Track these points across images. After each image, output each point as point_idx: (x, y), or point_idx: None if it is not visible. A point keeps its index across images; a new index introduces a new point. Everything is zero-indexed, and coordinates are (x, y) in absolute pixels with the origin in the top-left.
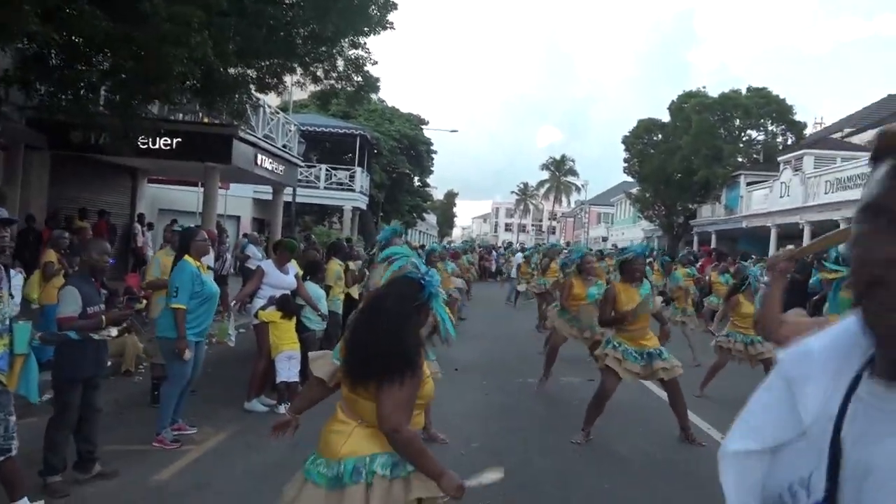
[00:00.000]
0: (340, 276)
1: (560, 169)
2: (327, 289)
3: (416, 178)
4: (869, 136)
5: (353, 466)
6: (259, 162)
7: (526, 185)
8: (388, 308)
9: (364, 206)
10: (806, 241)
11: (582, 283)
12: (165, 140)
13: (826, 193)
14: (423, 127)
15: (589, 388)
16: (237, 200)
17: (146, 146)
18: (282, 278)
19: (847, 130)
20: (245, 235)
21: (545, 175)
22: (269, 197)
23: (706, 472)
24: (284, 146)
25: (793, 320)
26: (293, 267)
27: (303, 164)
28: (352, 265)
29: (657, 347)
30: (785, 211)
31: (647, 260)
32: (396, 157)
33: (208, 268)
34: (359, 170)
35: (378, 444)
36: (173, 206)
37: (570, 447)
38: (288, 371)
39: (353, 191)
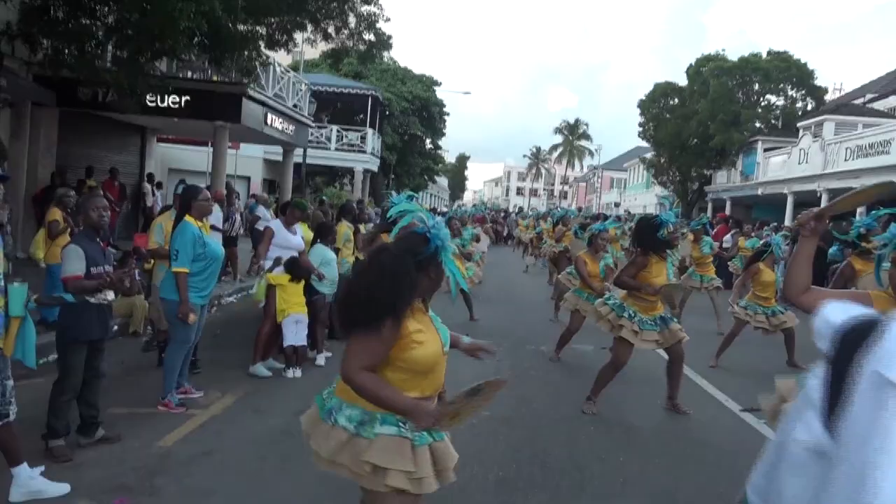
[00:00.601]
0: (350, 239)
1: (573, 133)
2: (336, 251)
3: (428, 141)
4: (891, 102)
5: (331, 407)
6: (269, 121)
7: (538, 148)
8: (383, 260)
9: (375, 169)
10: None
11: (593, 259)
12: (174, 98)
13: (846, 161)
14: (435, 88)
15: (602, 357)
16: (247, 161)
17: (154, 104)
18: (289, 238)
19: (869, 96)
20: (254, 196)
21: (558, 139)
22: (280, 158)
23: (719, 442)
24: (295, 106)
25: (821, 291)
26: (300, 229)
27: (313, 124)
28: (362, 228)
29: (666, 313)
30: (803, 178)
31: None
32: (408, 118)
33: (215, 228)
34: (370, 131)
35: (353, 396)
36: (183, 166)
37: (583, 416)
38: (295, 335)
39: (364, 152)
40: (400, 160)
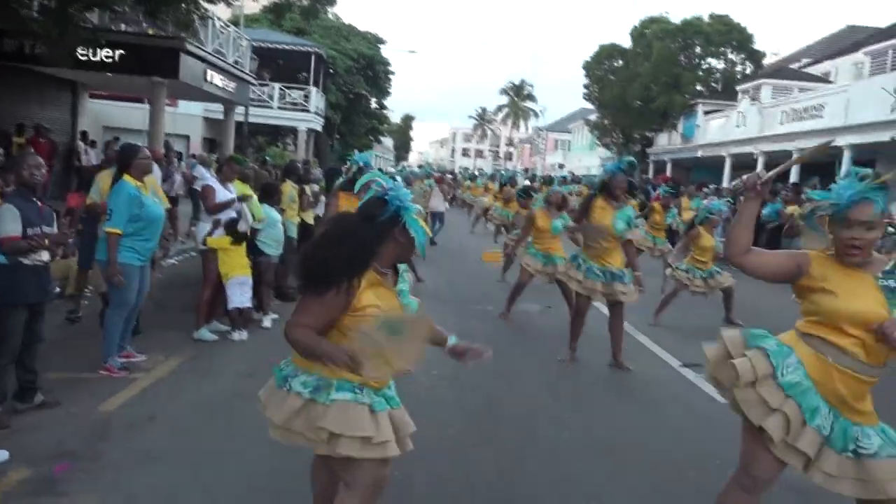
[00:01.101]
0: (294, 199)
1: (519, 94)
2: (281, 212)
3: (373, 100)
4: (826, 66)
5: (286, 374)
6: (209, 78)
7: (484, 109)
8: (341, 228)
9: (319, 128)
10: (759, 171)
11: (546, 216)
12: (107, 52)
13: (781, 124)
14: (380, 46)
15: (546, 316)
16: (186, 119)
17: (86, 58)
18: (227, 196)
19: (805, 61)
20: (193, 156)
21: (504, 100)
22: (220, 116)
23: (659, 396)
24: (236, 62)
25: (761, 251)
26: (233, 188)
27: (255, 82)
28: (307, 189)
29: (621, 269)
30: (740, 141)
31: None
32: (353, 77)
33: None
34: (314, 89)
35: (307, 363)
36: (118, 124)
37: (531, 372)
38: (241, 297)
39: (307, 111)
40: (345, 120)
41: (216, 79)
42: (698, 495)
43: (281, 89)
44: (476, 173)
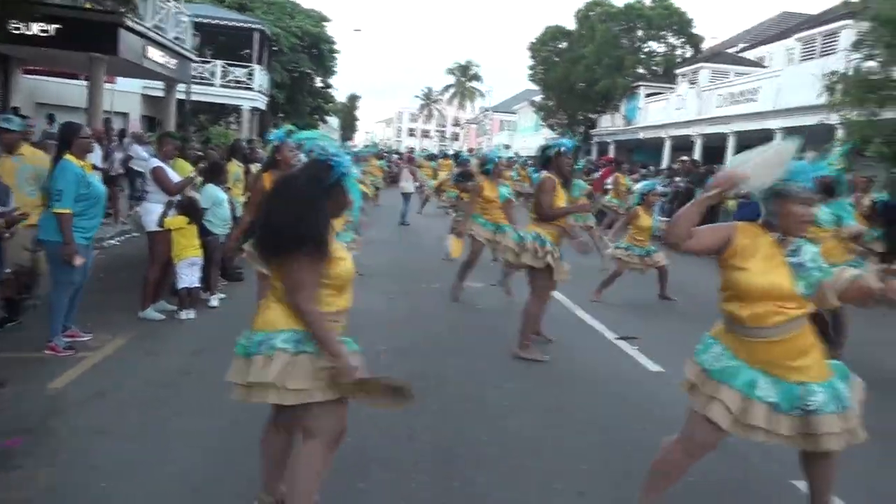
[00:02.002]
0: (240, 178)
1: (465, 74)
2: (227, 191)
3: (318, 79)
4: (761, 51)
5: (261, 338)
6: (148, 54)
7: (430, 89)
8: (297, 188)
9: (263, 107)
10: (697, 153)
11: (493, 186)
12: (42, 26)
13: (718, 107)
14: (325, 24)
15: (493, 293)
16: (125, 96)
17: (20, 31)
18: (174, 176)
19: (741, 45)
20: (131, 134)
21: (450, 80)
22: (161, 93)
23: (596, 367)
24: (176, 38)
25: (697, 230)
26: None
27: (197, 58)
28: (252, 168)
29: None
30: (679, 123)
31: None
32: (298, 55)
33: (95, 167)
34: (257, 67)
35: (287, 321)
36: (53, 100)
37: (478, 348)
38: (190, 277)
39: (251, 90)
40: (289, 98)
41: (156, 55)
42: (631, 450)
43: (223, 67)
44: (439, 153)
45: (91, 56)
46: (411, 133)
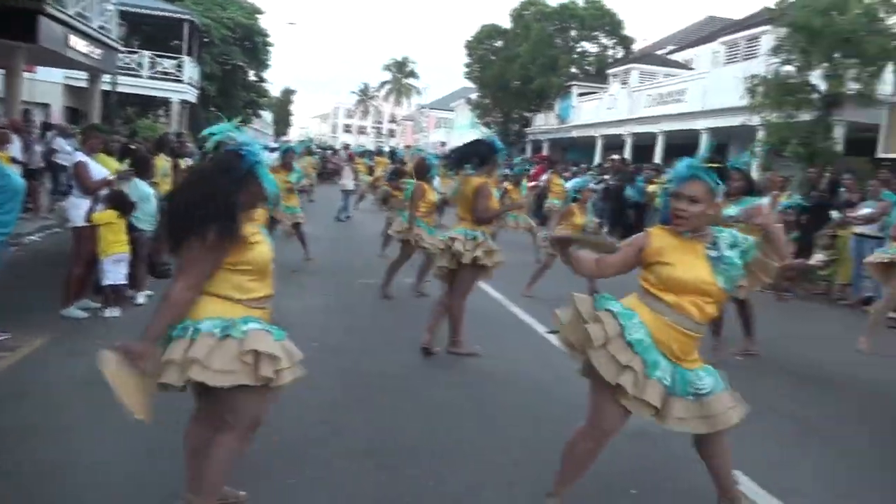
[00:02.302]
0: (167, 174)
1: (401, 70)
2: (154, 186)
3: (251, 72)
4: (689, 54)
5: (186, 325)
6: (71, 43)
7: (367, 85)
8: (205, 177)
9: (194, 100)
10: (628, 152)
11: (432, 188)
12: None
13: (647, 107)
14: (258, 17)
15: (428, 289)
16: (46, 86)
17: None
18: (99, 170)
19: (670, 48)
20: (56, 127)
21: (387, 76)
22: (85, 84)
23: (526, 359)
24: (101, 27)
25: (604, 258)
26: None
27: (123, 49)
28: (181, 162)
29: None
30: (611, 122)
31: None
32: (229, 47)
33: (14, 160)
34: (187, 59)
35: (212, 309)
36: None
37: (410, 343)
38: (116, 274)
39: (180, 82)
40: (221, 92)
41: (79, 44)
42: (559, 441)
43: (151, 58)
44: (381, 150)
45: (8, 44)
46: (347, 129)
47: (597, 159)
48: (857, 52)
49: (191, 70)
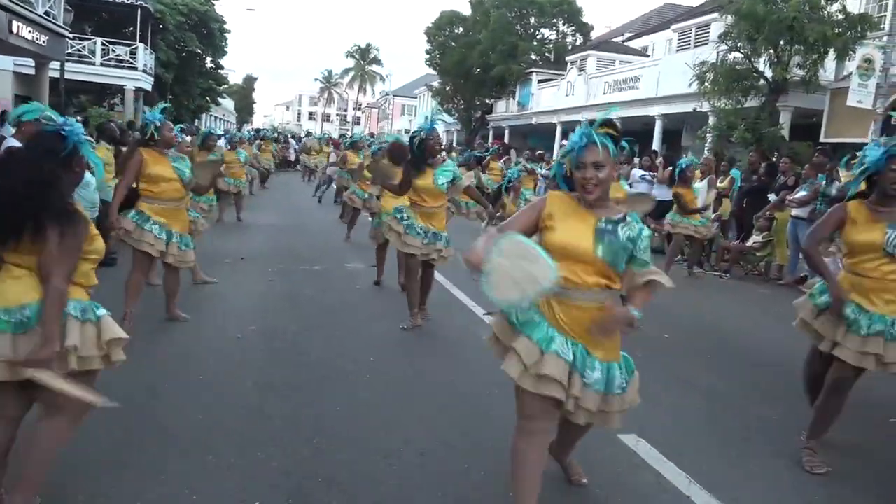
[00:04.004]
0: (109, 163)
1: (365, 57)
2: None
3: (208, 59)
4: (646, 41)
5: (38, 310)
6: (15, 30)
7: (330, 72)
8: (31, 161)
9: (149, 87)
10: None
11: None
12: None
13: (604, 94)
14: (214, 3)
15: (371, 274)
16: None
17: None
18: None
19: (627, 35)
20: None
21: (350, 63)
22: (32, 71)
23: (465, 340)
24: (47, 13)
25: (511, 221)
26: None
27: (72, 35)
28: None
29: (441, 232)
30: (569, 109)
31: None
32: (185, 34)
33: None
34: (141, 46)
35: (29, 293)
36: None
37: (348, 326)
38: None
39: (135, 69)
40: (178, 79)
41: (24, 31)
42: (478, 412)
43: (104, 44)
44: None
45: None
46: (311, 117)
47: (556, 146)
48: (800, 39)
49: (145, 57)
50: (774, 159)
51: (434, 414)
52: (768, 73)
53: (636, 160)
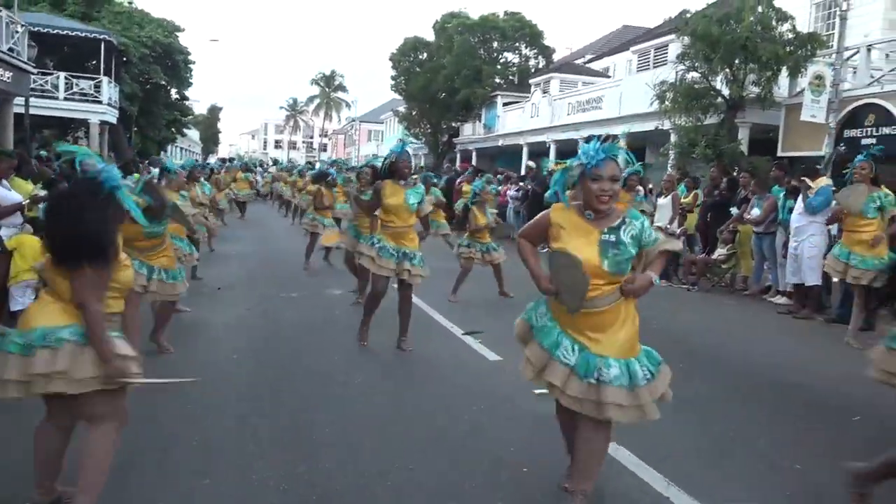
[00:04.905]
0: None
1: (330, 84)
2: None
3: (173, 91)
4: (606, 62)
5: (41, 333)
6: None
7: (295, 100)
8: (79, 202)
9: (114, 120)
10: (552, 158)
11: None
12: None
13: (568, 115)
14: (178, 34)
15: (347, 298)
16: None
17: None
18: (7, 196)
19: (588, 56)
20: None
21: (315, 90)
22: None
23: (444, 360)
24: (11, 49)
25: (529, 234)
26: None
27: (35, 70)
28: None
29: (414, 250)
30: (535, 130)
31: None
32: (149, 66)
33: None
34: (105, 79)
35: (69, 318)
36: None
37: (331, 349)
38: (24, 299)
39: (99, 102)
40: (143, 111)
41: None
42: (465, 427)
43: (67, 78)
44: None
45: None
46: (277, 145)
47: (523, 166)
48: (754, 57)
49: (110, 90)
50: (735, 174)
51: (424, 430)
52: (725, 91)
53: None
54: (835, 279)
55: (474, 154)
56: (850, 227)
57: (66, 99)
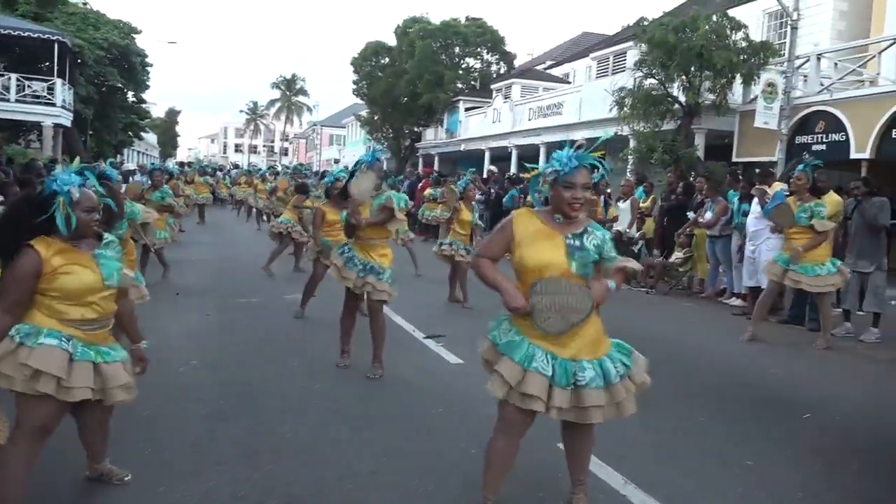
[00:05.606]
0: None
1: (290, 88)
2: None
3: (130, 94)
4: (566, 68)
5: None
6: None
7: (255, 103)
8: (11, 205)
9: (68, 123)
10: (513, 162)
11: (333, 209)
12: None
13: (529, 120)
14: (135, 36)
15: (317, 306)
16: None
17: None
18: None
19: (549, 63)
20: None
21: (276, 94)
22: None
23: (406, 364)
24: None
25: (488, 250)
26: None
27: None
28: None
29: (382, 266)
30: (497, 135)
31: None
32: (105, 68)
33: None
34: (59, 81)
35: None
36: None
37: (292, 356)
38: None
39: (53, 105)
40: (99, 114)
41: None
42: (424, 430)
43: (19, 80)
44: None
45: None
46: (238, 149)
47: (485, 171)
48: (709, 65)
49: (64, 92)
50: (691, 179)
51: (385, 434)
52: (682, 98)
53: None
54: (772, 279)
55: (437, 158)
56: (788, 235)
57: (17, 101)
